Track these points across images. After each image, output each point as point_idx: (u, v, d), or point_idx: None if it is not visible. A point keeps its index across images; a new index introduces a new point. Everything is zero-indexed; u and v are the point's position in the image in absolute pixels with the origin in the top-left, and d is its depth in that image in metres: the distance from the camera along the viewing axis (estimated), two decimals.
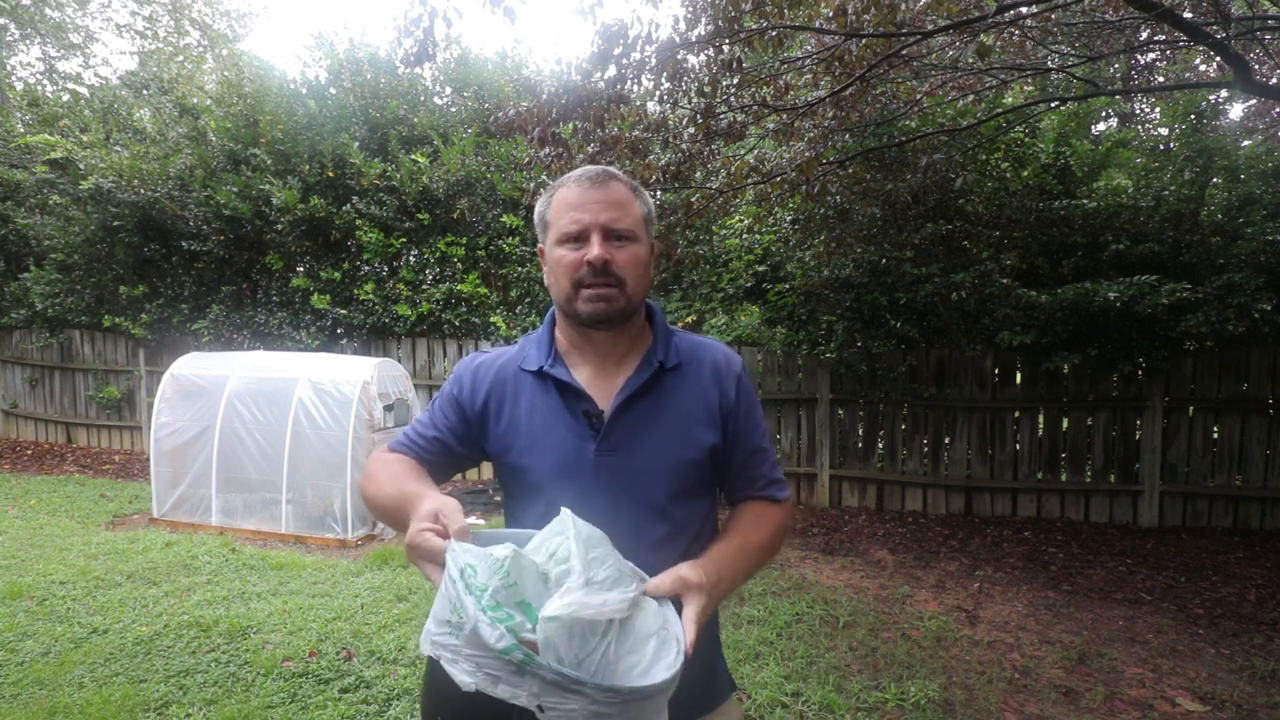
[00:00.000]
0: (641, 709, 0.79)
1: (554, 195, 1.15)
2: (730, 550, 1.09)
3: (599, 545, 0.89)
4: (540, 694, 0.74)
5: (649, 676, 0.82)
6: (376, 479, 1.13)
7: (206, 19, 15.94)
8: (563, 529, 0.90)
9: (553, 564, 0.87)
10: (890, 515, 5.78)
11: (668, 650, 0.86)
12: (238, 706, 2.83)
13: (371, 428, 5.13)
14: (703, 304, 6.52)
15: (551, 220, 1.14)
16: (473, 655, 0.76)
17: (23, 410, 8.70)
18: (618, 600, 0.84)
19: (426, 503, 0.94)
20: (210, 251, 7.52)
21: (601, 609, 0.81)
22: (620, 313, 1.11)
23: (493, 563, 0.81)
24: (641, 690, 0.78)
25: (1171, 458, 5.29)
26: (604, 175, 1.12)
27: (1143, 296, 4.60)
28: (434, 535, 0.88)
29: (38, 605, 3.77)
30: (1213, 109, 5.26)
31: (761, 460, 1.21)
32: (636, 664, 0.84)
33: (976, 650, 3.44)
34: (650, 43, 3.74)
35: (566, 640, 0.79)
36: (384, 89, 7.90)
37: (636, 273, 1.11)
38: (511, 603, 0.80)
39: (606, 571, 0.87)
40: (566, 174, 1.16)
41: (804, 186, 4.74)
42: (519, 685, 0.74)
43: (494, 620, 0.75)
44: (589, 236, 1.09)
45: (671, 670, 0.82)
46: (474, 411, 1.19)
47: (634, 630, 0.86)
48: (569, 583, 0.83)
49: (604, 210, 1.09)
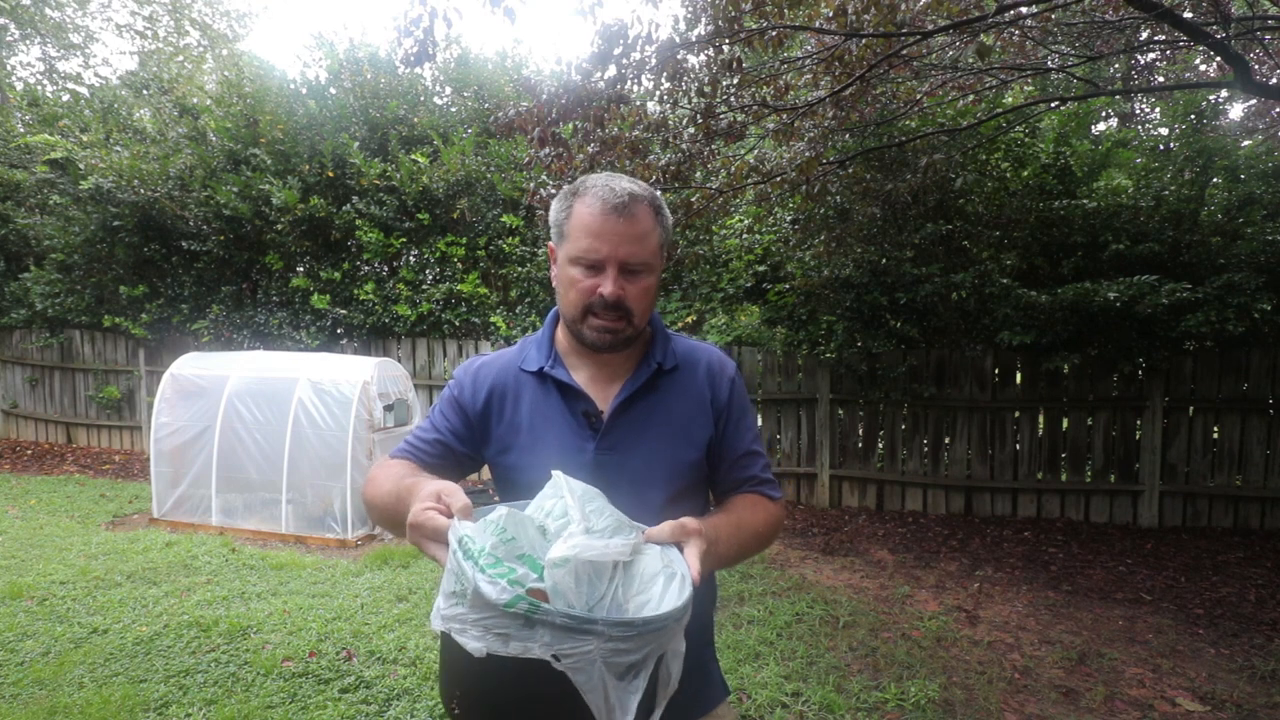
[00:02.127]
0: (658, 638, 0.79)
1: (573, 208, 1.11)
2: (725, 522, 1.09)
3: (595, 499, 0.90)
4: (553, 642, 0.74)
5: (661, 607, 0.82)
6: (377, 482, 1.13)
7: (206, 19, 15.94)
8: (557, 490, 0.91)
9: (550, 520, 0.88)
10: (890, 515, 5.78)
11: (675, 584, 0.86)
12: (238, 706, 2.83)
13: (371, 428, 5.13)
14: (703, 304, 6.51)
15: (568, 235, 1.11)
16: (480, 619, 0.75)
17: (23, 410, 8.70)
18: (620, 544, 0.85)
19: (428, 485, 0.94)
20: (210, 251, 7.52)
21: (605, 550, 0.82)
22: (624, 341, 1.13)
23: (487, 524, 0.82)
24: (654, 620, 0.78)
25: (1171, 458, 5.29)
26: (629, 203, 1.07)
27: (1143, 296, 4.60)
28: (437, 514, 0.88)
29: (38, 605, 3.77)
30: (1213, 109, 5.26)
31: (753, 462, 1.22)
32: (647, 601, 0.85)
33: (976, 650, 3.43)
34: (650, 43, 3.74)
35: (574, 584, 0.80)
36: (384, 89, 7.89)
37: (645, 303, 1.12)
38: (512, 556, 0.80)
39: (606, 521, 0.88)
40: (589, 180, 1.12)
41: (804, 186, 4.74)
42: (530, 638, 0.74)
43: (494, 577, 0.75)
44: (604, 269, 1.08)
45: (681, 598, 0.82)
46: (475, 412, 1.20)
47: (639, 572, 0.87)
48: (570, 529, 0.84)
49: (623, 244, 1.07)
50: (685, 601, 0.82)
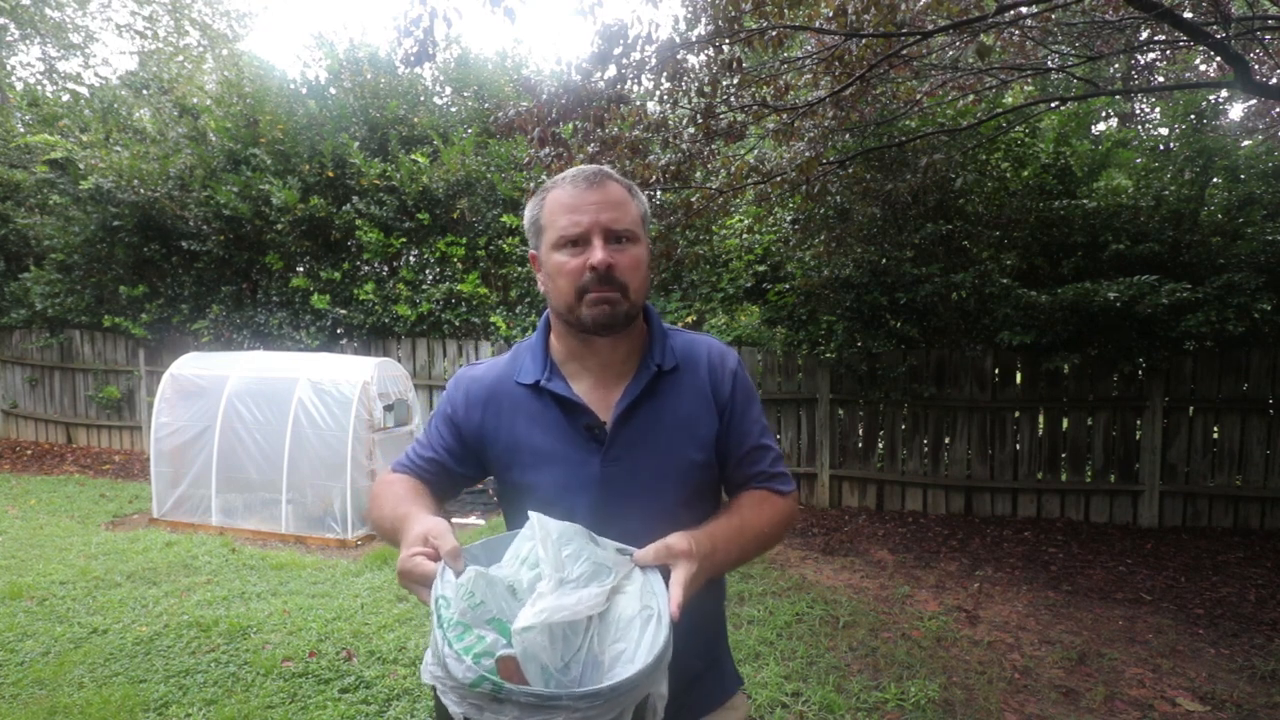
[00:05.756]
0: (633, 695, 0.78)
1: (546, 197, 1.10)
2: (727, 528, 1.06)
3: (571, 541, 0.88)
4: (522, 717, 0.73)
5: (634, 663, 0.80)
6: (378, 502, 1.12)
7: (206, 19, 15.93)
8: (532, 534, 0.89)
9: (525, 570, 0.86)
10: (890, 515, 5.78)
11: (651, 628, 0.84)
12: (238, 706, 2.83)
13: (371, 428, 5.13)
14: (703, 304, 6.51)
15: (546, 224, 1.09)
16: (454, 687, 0.76)
17: (23, 410, 8.70)
18: (593, 595, 0.83)
19: (416, 526, 0.93)
20: (210, 251, 7.52)
21: (576, 608, 0.81)
22: (624, 317, 1.08)
23: (459, 588, 0.81)
24: (621, 686, 0.76)
25: (1171, 458, 5.29)
26: (599, 175, 1.09)
27: (1143, 296, 4.60)
28: (425, 559, 0.87)
29: (38, 605, 3.77)
30: (1213, 109, 5.26)
31: (763, 455, 1.18)
32: (623, 651, 0.83)
33: (976, 650, 3.43)
34: (650, 43, 3.74)
35: (549, 645, 0.79)
36: (384, 89, 7.89)
37: (639, 276, 1.09)
38: (481, 623, 0.79)
39: (581, 567, 0.86)
40: (556, 176, 1.12)
41: (804, 186, 4.74)
42: (500, 712, 0.74)
43: (460, 653, 0.75)
44: (589, 240, 1.05)
45: (654, 651, 0.80)
46: (470, 431, 1.17)
47: (615, 618, 0.85)
48: (539, 588, 0.83)
49: (603, 210, 1.06)
50: (661, 649, 0.80)
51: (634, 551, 0.93)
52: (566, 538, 0.88)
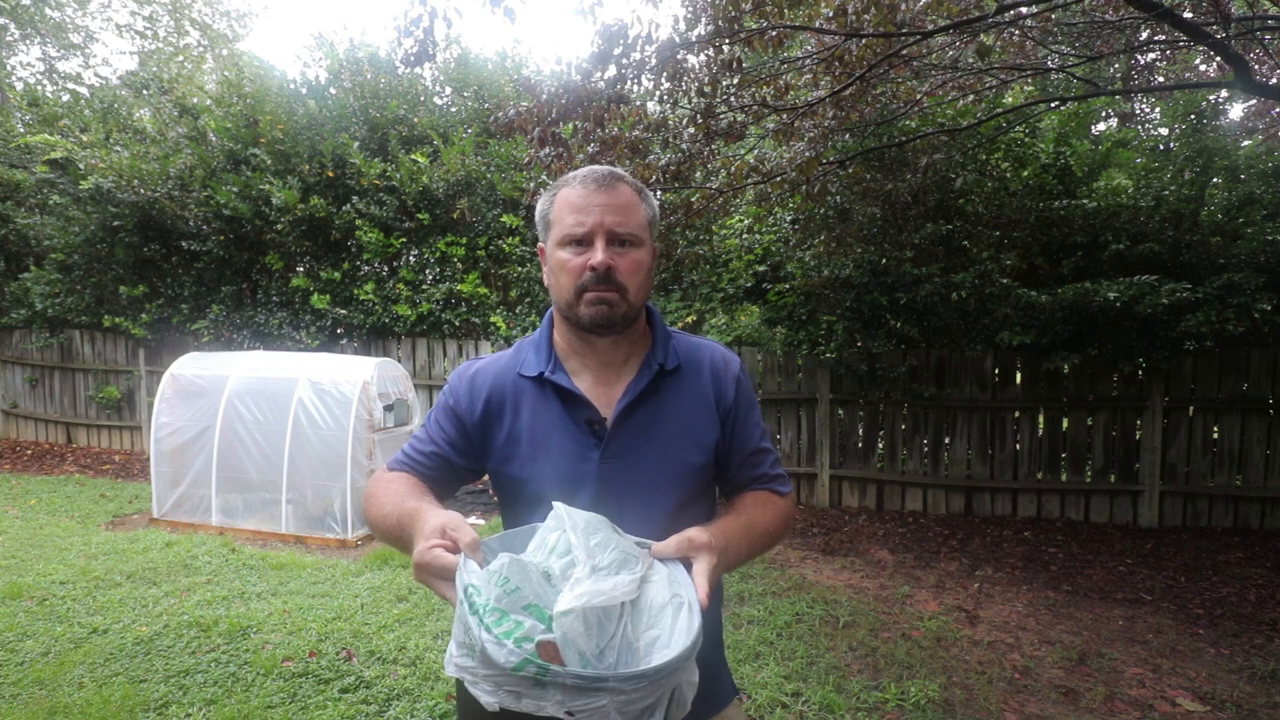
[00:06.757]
0: (671, 679, 0.79)
1: (557, 194, 1.12)
2: (735, 525, 1.07)
3: (598, 531, 0.89)
4: (566, 700, 0.73)
5: (670, 648, 0.82)
6: (377, 500, 1.10)
7: (206, 19, 15.94)
8: (559, 523, 0.89)
9: (554, 558, 0.87)
10: (890, 515, 5.78)
11: (684, 615, 0.85)
12: (238, 706, 2.83)
13: (371, 428, 5.13)
14: (703, 304, 6.51)
15: (554, 220, 1.11)
16: (490, 675, 0.75)
17: (23, 410, 8.70)
18: (626, 582, 0.84)
19: (432, 519, 0.92)
20: (210, 251, 7.52)
21: (613, 594, 0.81)
22: (621, 319, 1.09)
23: (491, 575, 0.81)
24: (667, 666, 0.77)
25: (1171, 458, 5.29)
26: (610, 177, 1.10)
27: (1143, 296, 4.60)
28: (444, 551, 0.86)
29: (38, 605, 3.77)
30: (1213, 109, 5.26)
31: (762, 459, 1.20)
32: (657, 637, 0.84)
33: (976, 650, 3.43)
34: (650, 43, 3.74)
35: (584, 632, 0.79)
36: (384, 89, 7.89)
37: (639, 279, 1.10)
38: (517, 608, 0.79)
39: (610, 555, 0.86)
40: (571, 172, 1.13)
41: (804, 186, 4.73)
42: (542, 697, 0.74)
43: (500, 637, 0.74)
44: (593, 240, 1.07)
45: (690, 636, 0.82)
46: (473, 422, 1.16)
47: (647, 605, 0.86)
48: (575, 573, 0.83)
49: (609, 213, 1.07)
50: (696, 634, 0.82)
51: (651, 544, 0.94)
52: (593, 527, 0.89)
